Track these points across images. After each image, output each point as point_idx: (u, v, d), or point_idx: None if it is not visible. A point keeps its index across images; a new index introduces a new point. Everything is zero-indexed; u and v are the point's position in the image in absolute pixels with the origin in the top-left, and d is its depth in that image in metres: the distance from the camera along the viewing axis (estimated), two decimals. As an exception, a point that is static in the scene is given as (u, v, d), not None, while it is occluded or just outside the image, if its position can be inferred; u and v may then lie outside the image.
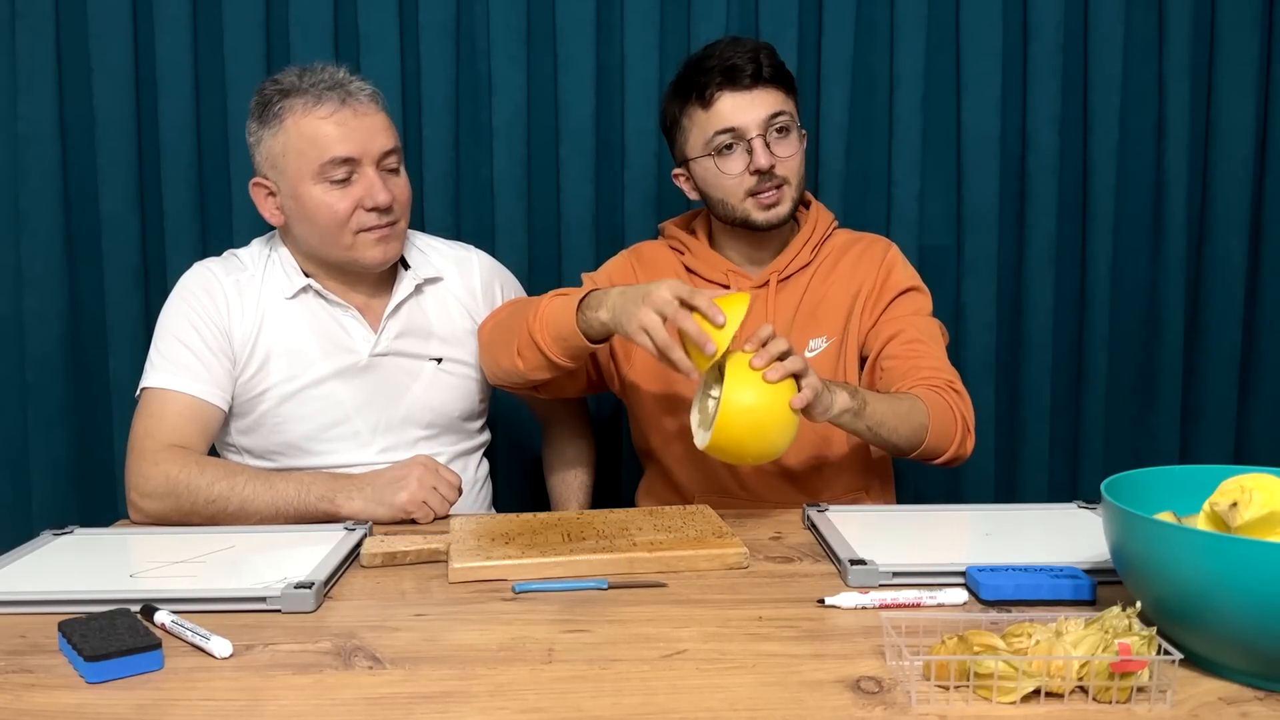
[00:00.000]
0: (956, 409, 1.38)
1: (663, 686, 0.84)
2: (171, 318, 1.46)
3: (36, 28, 1.83)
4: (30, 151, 1.85)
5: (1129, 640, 0.79)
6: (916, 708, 0.79)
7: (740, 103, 1.43)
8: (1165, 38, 1.90)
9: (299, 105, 1.38)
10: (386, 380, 1.49)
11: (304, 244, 1.46)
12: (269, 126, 1.41)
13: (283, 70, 1.46)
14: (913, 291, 1.52)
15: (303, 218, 1.42)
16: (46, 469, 1.90)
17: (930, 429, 1.34)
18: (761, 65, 1.43)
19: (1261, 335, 1.99)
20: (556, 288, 1.88)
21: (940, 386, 1.39)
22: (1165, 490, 0.96)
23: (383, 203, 1.40)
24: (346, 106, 1.39)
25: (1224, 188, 1.94)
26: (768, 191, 1.45)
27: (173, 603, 0.99)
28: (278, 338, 1.45)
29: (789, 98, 1.47)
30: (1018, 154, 1.94)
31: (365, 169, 1.40)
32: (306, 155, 1.38)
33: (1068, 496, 1.73)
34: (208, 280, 1.47)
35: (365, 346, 1.48)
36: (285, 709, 0.81)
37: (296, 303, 1.47)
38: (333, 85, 1.40)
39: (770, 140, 1.44)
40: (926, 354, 1.44)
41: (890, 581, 1.05)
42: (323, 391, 1.46)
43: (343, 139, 1.38)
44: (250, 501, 1.31)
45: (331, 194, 1.39)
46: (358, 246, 1.43)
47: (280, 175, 1.42)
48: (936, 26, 1.90)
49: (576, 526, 1.23)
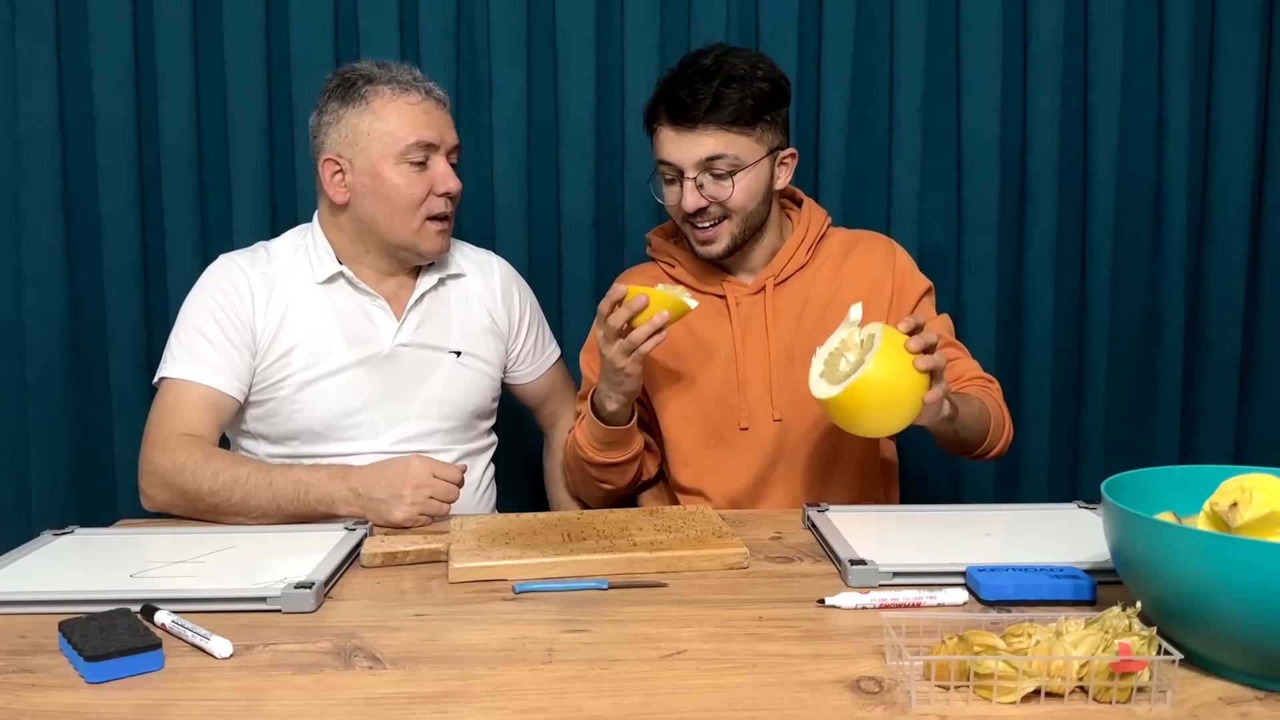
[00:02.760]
0: (1001, 404, 1.48)
1: (663, 686, 0.84)
2: (193, 309, 1.48)
3: (36, 28, 1.83)
4: (30, 151, 1.85)
5: (1129, 640, 0.79)
6: (916, 708, 0.79)
7: (678, 140, 1.41)
8: (1165, 38, 1.90)
9: (387, 90, 1.45)
10: (406, 371, 1.51)
11: (365, 222, 1.48)
12: (354, 105, 1.45)
13: (354, 62, 1.51)
14: (928, 293, 1.55)
15: (377, 196, 1.45)
16: (46, 469, 1.90)
17: (992, 426, 1.43)
18: (717, 105, 1.37)
19: (1261, 335, 1.99)
20: (557, 288, 1.91)
21: (984, 384, 1.48)
22: (1165, 490, 0.96)
23: (454, 190, 1.48)
24: (430, 99, 1.48)
25: (1224, 188, 1.94)
26: (701, 228, 1.45)
27: (173, 603, 0.99)
28: (302, 326, 1.48)
29: (743, 136, 1.40)
30: (1018, 154, 1.94)
31: (439, 158, 1.48)
32: (393, 135, 1.44)
33: (1068, 496, 1.73)
34: (232, 273, 1.49)
35: (389, 336, 1.50)
36: (285, 709, 0.81)
37: (325, 290, 1.50)
38: (416, 79, 1.48)
39: (704, 181, 1.41)
40: (960, 354, 1.51)
41: (890, 581, 1.05)
42: (343, 379, 1.48)
43: (428, 125, 1.46)
44: (251, 495, 1.32)
45: (409, 176, 1.45)
46: (423, 232, 1.48)
47: (359, 152, 1.45)
48: (936, 26, 1.90)
49: (576, 526, 1.23)
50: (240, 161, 1.86)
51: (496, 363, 1.60)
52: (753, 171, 1.43)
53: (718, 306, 1.52)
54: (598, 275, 1.91)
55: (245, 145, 1.86)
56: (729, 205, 1.42)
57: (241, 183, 1.87)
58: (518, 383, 1.67)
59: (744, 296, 1.51)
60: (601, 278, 1.89)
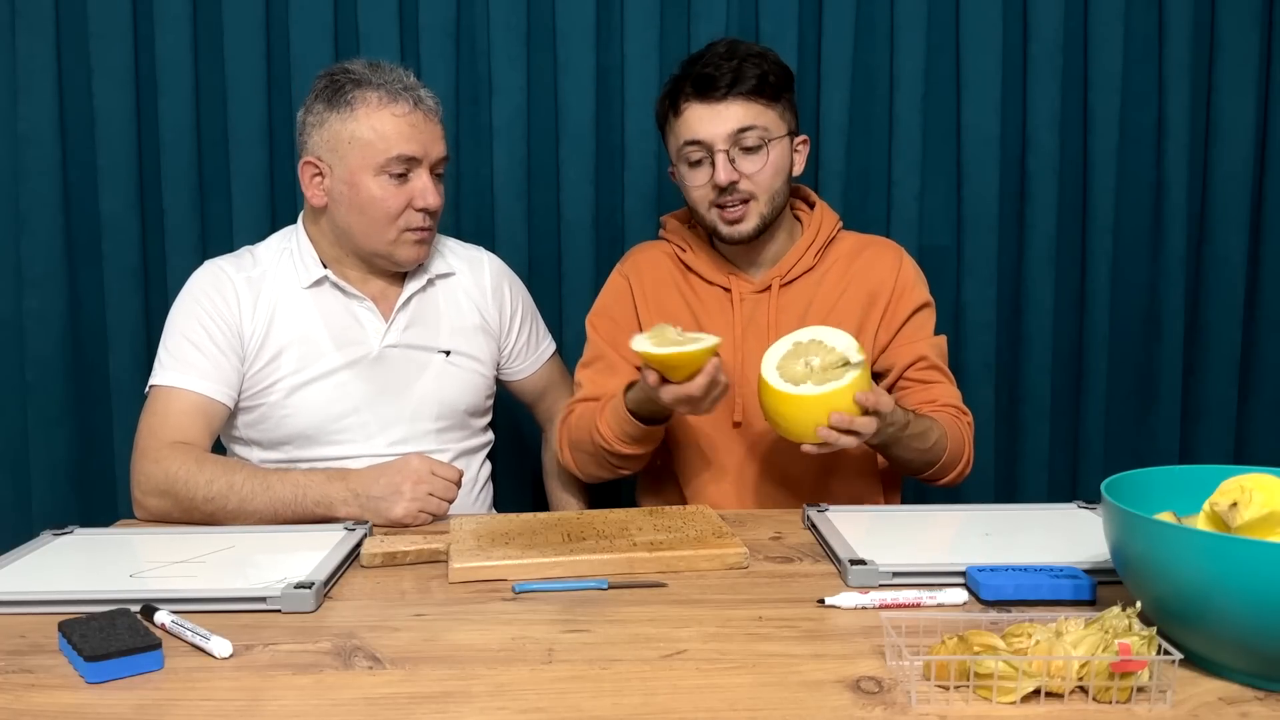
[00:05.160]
0: (966, 438, 1.45)
1: (663, 686, 0.84)
2: (180, 316, 1.47)
3: (36, 28, 1.83)
4: (30, 151, 1.85)
5: (1129, 640, 0.79)
6: (916, 708, 0.79)
7: (707, 115, 1.41)
8: (1165, 38, 1.90)
9: (374, 98, 1.42)
10: (396, 372, 1.50)
11: (342, 230, 1.47)
12: (338, 110, 1.43)
13: (348, 60, 1.49)
14: (926, 309, 1.54)
15: (353, 205, 1.44)
16: (46, 469, 1.90)
17: (946, 457, 1.41)
18: (740, 77, 1.40)
19: (1261, 335, 1.99)
20: (557, 288, 1.91)
21: (955, 415, 1.46)
22: (1165, 490, 0.96)
23: (433, 205, 1.46)
24: (418, 110, 1.44)
25: (1224, 188, 1.94)
26: (730, 206, 1.44)
27: (173, 603, 0.99)
28: (290, 330, 1.47)
29: (768, 109, 1.43)
30: (1018, 154, 1.94)
31: (421, 171, 1.45)
32: (374, 147, 1.42)
33: (1068, 496, 1.73)
34: (218, 278, 1.48)
35: (376, 338, 1.50)
36: (285, 709, 0.81)
37: (311, 293, 1.49)
38: (407, 87, 1.44)
39: (735, 155, 1.42)
40: (942, 379, 1.50)
41: (890, 581, 1.05)
42: (333, 383, 1.47)
43: (411, 139, 1.43)
44: (248, 501, 1.31)
45: (387, 188, 1.43)
46: (399, 243, 1.46)
47: (339, 160, 1.44)
48: (936, 26, 1.90)
49: (576, 526, 1.23)
50: (240, 161, 1.86)
51: (489, 360, 1.59)
52: (780, 145, 1.44)
53: (722, 300, 1.52)
54: (598, 275, 1.90)
55: (245, 145, 1.86)
56: (759, 181, 1.43)
57: (241, 183, 1.87)
58: (513, 379, 1.67)
59: (749, 294, 1.51)
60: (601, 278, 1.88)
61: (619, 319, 1.55)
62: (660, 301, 1.54)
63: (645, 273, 1.57)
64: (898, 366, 1.49)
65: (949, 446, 1.41)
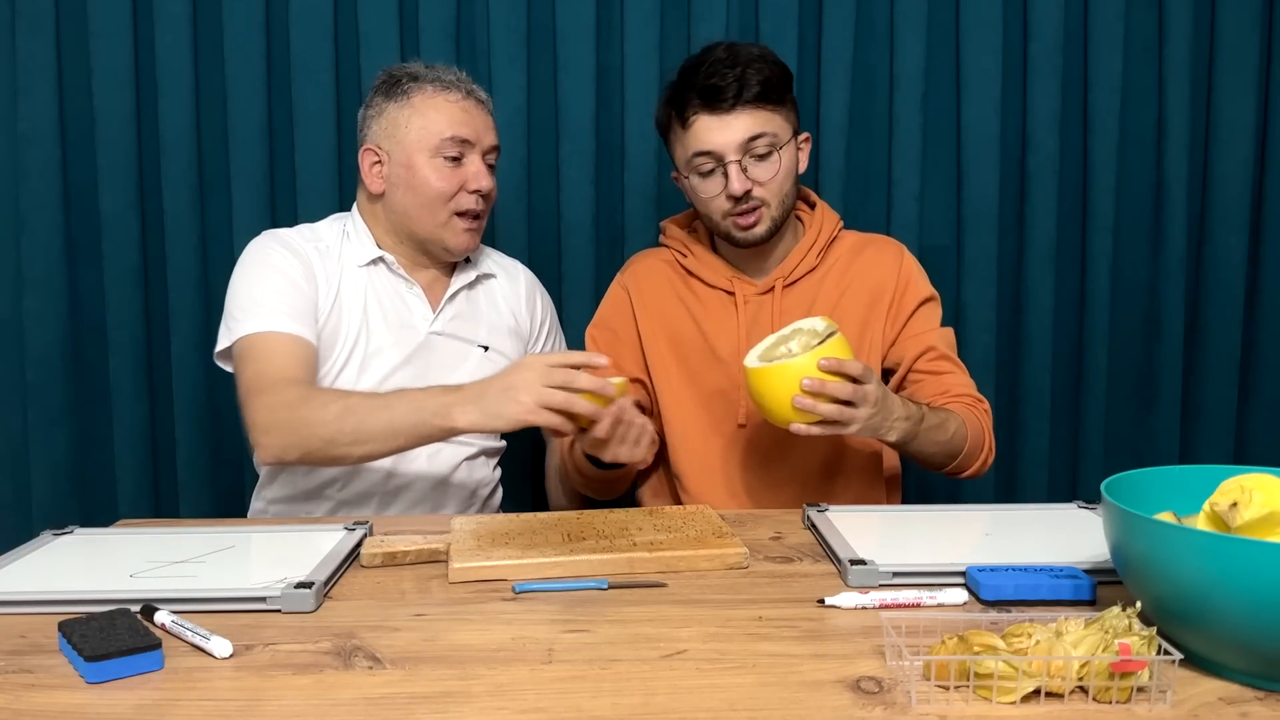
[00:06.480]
0: (985, 426, 1.46)
1: (663, 686, 0.84)
2: (250, 272, 1.47)
3: (36, 28, 1.83)
4: (30, 151, 1.85)
5: (1129, 640, 0.79)
6: (916, 708, 0.79)
7: (716, 126, 1.41)
8: (1165, 38, 1.91)
9: (429, 88, 1.50)
10: (439, 359, 1.54)
11: (398, 213, 1.52)
12: (395, 100, 1.50)
13: (405, 63, 1.55)
14: (931, 302, 1.54)
15: (409, 187, 1.49)
16: (46, 469, 1.90)
17: (968, 448, 1.41)
18: (745, 85, 1.39)
19: (1261, 335, 1.99)
20: (557, 288, 1.90)
21: (971, 404, 1.46)
22: (1165, 490, 0.96)
23: (484, 188, 1.51)
24: (470, 98, 1.52)
25: (1224, 188, 1.94)
26: (744, 214, 1.44)
27: (173, 603, 0.99)
28: (351, 302, 1.51)
29: (775, 114, 1.43)
30: (1018, 154, 1.94)
31: (474, 156, 1.51)
32: (429, 129, 1.48)
33: (1068, 496, 1.73)
34: (287, 241, 1.51)
35: (425, 323, 1.54)
36: (285, 709, 0.81)
37: (366, 273, 1.53)
38: (460, 80, 1.53)
39: (747, 164, 1.42)
40: (953, 369, 1.50)
41: (890, 581, 1.05)
42: (381, 362, 1.50)
43: (464, 122, 1.50)
44: (365, 420, 1.28)
45: (442, 170, 1.49)
46: (449, 227, 1.51)
47: (396, 144, 1.49)
48: (936, 26, 1.90)
49: (576, 526, 1.23)
50: (240, 161, 1.87)
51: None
52: (789, 149, 1.45)
53: (725, 303, 1.52)
54: (598, 275, 1.91)
55: (245, 145, 1.86)
56: (771, 187, 1.43)
57: (241, 183, 1.87)
58: None
59: (752, 296, 1.52)
60: (601, 278, 1.89)
61: (618, 330, 1.57)
62: (660, 311, 1.54)
63: (644, 282, 1.57)
64: (907, 360, 1.50)
65: (969, 435, 1.41)
